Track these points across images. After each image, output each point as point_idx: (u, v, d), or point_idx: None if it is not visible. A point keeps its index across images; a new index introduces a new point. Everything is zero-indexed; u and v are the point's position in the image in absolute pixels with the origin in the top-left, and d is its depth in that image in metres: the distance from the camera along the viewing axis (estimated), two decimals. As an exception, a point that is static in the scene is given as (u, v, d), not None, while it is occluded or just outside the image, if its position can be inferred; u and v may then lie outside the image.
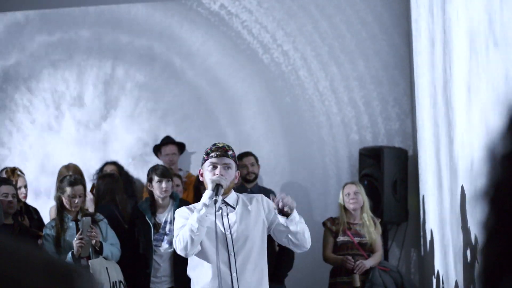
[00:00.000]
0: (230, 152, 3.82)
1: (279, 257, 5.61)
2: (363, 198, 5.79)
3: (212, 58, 7.43)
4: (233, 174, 3.82)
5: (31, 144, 7.54)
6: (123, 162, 7.23)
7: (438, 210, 5.05)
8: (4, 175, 5.82)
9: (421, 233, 6.46)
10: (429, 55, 5.18)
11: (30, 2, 7.60)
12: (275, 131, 7.33)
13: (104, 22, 7.53)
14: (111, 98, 7.53)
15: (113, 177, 6.02)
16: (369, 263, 5.69)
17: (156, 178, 5.44)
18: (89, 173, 6.86)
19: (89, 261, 4.88)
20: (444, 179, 4.53)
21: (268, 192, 5.78)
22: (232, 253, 3.71)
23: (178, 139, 7.19)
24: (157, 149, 7.14)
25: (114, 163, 7.03)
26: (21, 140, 7.56)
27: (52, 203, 6.17)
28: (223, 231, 3.74)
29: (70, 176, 5.28)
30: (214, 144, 3.89)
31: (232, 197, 3.85)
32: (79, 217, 5.04)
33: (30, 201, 6.16)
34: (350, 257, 5.67)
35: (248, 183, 6.62)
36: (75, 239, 4.85)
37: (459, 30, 3.54)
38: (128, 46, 7.50)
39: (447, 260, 4.53)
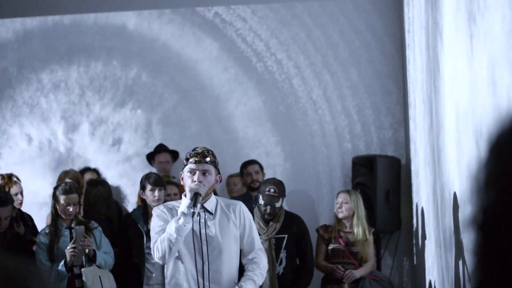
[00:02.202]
0: (208, 158, 3.83)
1: (298, 272, 5.59)
2: (354, 208, 5.77)
3: (206, 66, 7.44)
4: (212, 179, 3.83)
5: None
6: (116, 169, 7.23)
7: (430, 219, 5.07)
8: (0, 181, 5.80)
9: (414, 242, 6.47)
10: (422, 65, 5.21)
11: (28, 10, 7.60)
12: (268, 139, 7.34)
13: (98, 30, 7.53)
14: (106, 105, 7.52)
15: (104, 185, 6.00)
16: (358, 273, 5.69)
17: (149, 187, 5.45)
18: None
19: (82, 269, 4.87)
20: (437, 188, 4.54)
21: None
22: (207, 262, 3.78)
23: (171, 147, 7.20)
24: (150, 157, 7.14)
25: (94, 170, 7.04)
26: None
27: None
28: (200, 240, 3.79)
29: (65, 184, 5.24)
30: (194, 149, 3.91)
31: (211, 202, 3.88)
32: (73, 225, 5.03)
33: None
34: (340, 266, 5.68)
35: (253, 191, 6.63)
36: (68, 247, 4.84)
37: (450, 41, 3.56)
38: (122, 54, 7.50)
39: (440, 269, 4.54)
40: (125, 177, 7.36)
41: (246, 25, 7.44)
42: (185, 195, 3.83)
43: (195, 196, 3.71)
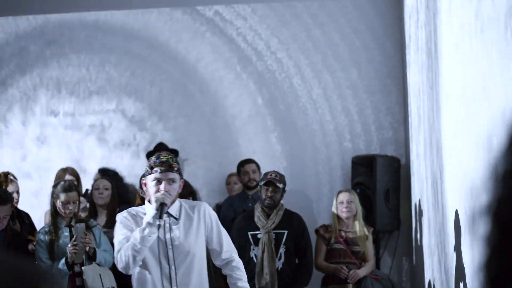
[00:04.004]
0: (174, 167, 3.80)
1: (297, 270, 5.61)
2: (356, 207, 5.80)
3: (206, 65, 7.44)
4: (177, 186, 3.80)
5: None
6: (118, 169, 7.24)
7: (430, 219, 5.07)
8: None
9: (413, 242, 6.48)
10: (421, 64, 5.21)
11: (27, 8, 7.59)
12: (268, 138, 7.34)
13: (98, 29, 7.52)
14: (106, 104, 7.52)
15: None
16: (362, 272, 5.70)
17: (149, 185, 5.45)
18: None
19: (83, 267, 4.87)
20: (438, 187, 4.55)
21: None
22: (173, 267, 3.75)
23: (171, 146, 7.20)
24: (150, 156, 7.13)
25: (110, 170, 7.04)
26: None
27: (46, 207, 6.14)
28: (165, 245, 3.76)
29: (65, 182, 5.25)
30: (158, 157, 3.83)
31: (175, 206, 3.84)
32: (73, 223, 5.02)
33: None
34: (344, 267, 5.68)
35: (249, 190, 6.63)
36: (69, 245, 4.84)
37: (450, 39, 3.57)
38: (122, 53, 7.50)
39: (439, 269, 4.55)
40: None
41: (246, 24, 7.44)
42: (149, 201, 3.81)
43: (161, 207, 3.69)
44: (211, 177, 7.05)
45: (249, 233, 5.57)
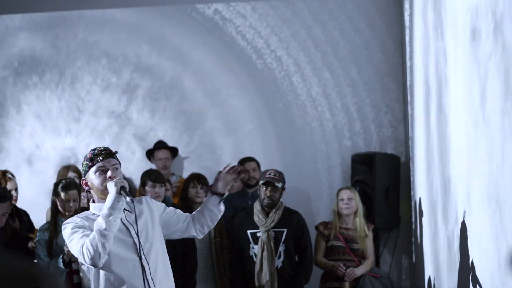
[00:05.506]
0: (114, 154, 3.61)
1: (297, 268, 5.62)
2: (357, 204, 5.82)
3: (206, 63, 7.44)
4: (121, 174, 3.59)
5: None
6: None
7: (429, 216, 5.07)
8: None
9: (413, 240, 6.48)
10: (422, 62, 5.21)
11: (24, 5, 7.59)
12: (268, 136, 7.34)
13: (98, 27, 7.52)
14: (104, 104, 7.52)
15: None
16: (359, 270, 5.71)
17: (149, 183, 5.47)
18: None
19: (79, 265, 4.88)
20: (436, 185, 4.54)
21: None
22: (143, 256, 3.51)
23: (170, 143, 7.20)
24: (150, 154, 7.14)
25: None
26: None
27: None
28: (132, 237, 3.53)
29: (65, 180, 5.28)
30: (94, 149, 3.62)
31: (123, 201, 3.55)
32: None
33: None
34: (341, 264, 5.69)
35: (249, 188, 6.63)
36: (66, 243, 4.85)
37: (452, 36, 3.56)
38: (122, 51, 7.50)
39: (438, 267, 4.54)
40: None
41: (246, 22, 7.44)
42: (94, 201, 3.62)
43: (123, 189, 3.45)
44: (211, 175, 7.04)
45: (248, 231, 5.57)
